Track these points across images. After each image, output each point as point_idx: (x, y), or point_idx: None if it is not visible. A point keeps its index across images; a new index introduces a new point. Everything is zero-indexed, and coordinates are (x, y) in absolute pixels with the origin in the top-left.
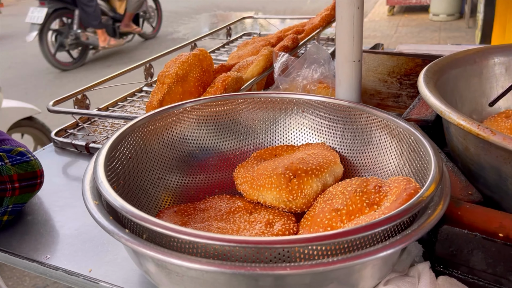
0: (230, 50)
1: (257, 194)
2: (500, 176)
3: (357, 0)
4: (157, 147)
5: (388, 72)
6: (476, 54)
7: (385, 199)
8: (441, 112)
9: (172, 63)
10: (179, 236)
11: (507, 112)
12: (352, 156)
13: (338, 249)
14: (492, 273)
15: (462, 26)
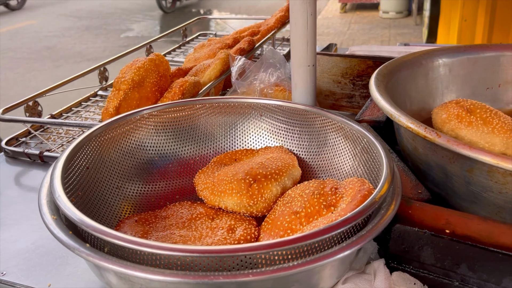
0: (186, 51)
1: (218, 200)
2: (446, 174)
3: (310, 7)
4: (115, 156)
5: (341, 73)
6: (422, 57)
7: (341, 200)
8: (391, 115)
9: (128, 69)
10: (141, 248)
11: (458, 100)
12: (309, 158)
13: (298, 253)
14: (440, 267)
15: (410, 23)
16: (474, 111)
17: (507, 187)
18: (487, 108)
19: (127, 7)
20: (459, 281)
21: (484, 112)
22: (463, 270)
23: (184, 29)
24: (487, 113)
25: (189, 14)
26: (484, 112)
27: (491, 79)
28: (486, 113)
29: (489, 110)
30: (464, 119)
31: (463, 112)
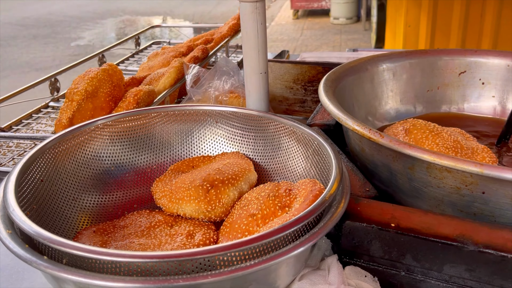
0: (140, 60)
1: (177, 207)
2: (391, 172)
3: (260, 17)
4: (70, 167)
5: (293, 79)
6: (368, 62)
7: (295, 201)
8: (339, 118)
9: (81, 79)
10: (100, 257)
11: (406, 120)
12: (264, 162)
13: (255, 252)
14: (388, 259)
15: (360, 29)
16: (411, 132)
17: (444, 182)
18: (426, 129)
19: (77, 14)
20: (405, 271)
21: (422, 133)
22: (408, 261)
23: (137, 37)
24: (424, 134)
25: (143, 21)
26: (421, 133)
27: (431, 82)
28: (422, 134)
29: (428, 130)
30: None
31: (403, 132)
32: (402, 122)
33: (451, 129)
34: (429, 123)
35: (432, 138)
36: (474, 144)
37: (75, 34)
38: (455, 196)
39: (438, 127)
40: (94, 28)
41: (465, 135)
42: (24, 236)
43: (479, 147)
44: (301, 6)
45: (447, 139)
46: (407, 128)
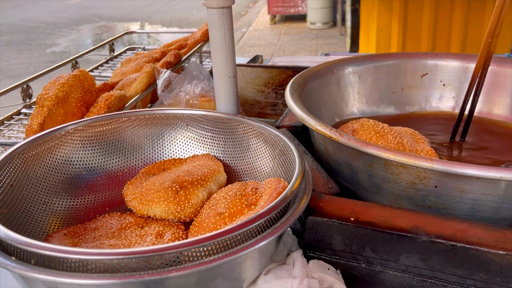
0: (114, 66)
1: (147, 209)
2: (352, 170)
3: (227, 22)
4: (40, 172)
5: (264, 83)
6: (334, 66)
7: (261, 199)
8: (303, 119)
9: (51, 85)
10: (67, 256)
11: (357, 120)
12: (234, 163)
13: (219, 247)
14: (349, 252)
15: (336, 34)
16: (357, 132)
17: (400, 178)
18: (373, 130)
19: (52, 21)
20: (365, 263)
21: (367, 133)
22: (367, 253)
23: (111, 43)
24: (369, 135)
25: (120, 27)
26: (366, 134)
27: (395, 84)
28: (367, 135)
29: (374, 131)
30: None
31: (350, 131)
32: (354, 121)
33: (401, 130)
34: (378, 124)
35: (376, 139)
36: (420, 146)
37: (50, 40)
38: (411, 191)
39: (386, 128)
40: (70, 34)
41: (415, 137)
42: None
43: (424, 149)
44: (278, 11)
45: (391, 141)
46: (355, 128)
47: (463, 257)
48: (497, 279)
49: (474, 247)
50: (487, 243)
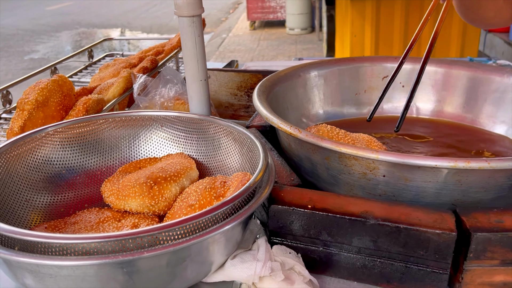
0: (93, 72)
1: (123, 204)
2: (312, 163)
3: (197, 30)
4: (22, 171)
5: (237, 87)
6: (300, 69)
7: (228, 191)
8: (267, 118)
9: (31, 90)
10: (49, 241)
11: (316, 126)
12: (206, 161)
13: (188, 231)
14: (308, 236)
15: (314, 39)
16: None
17: (353, 169)
18: (327, 135)
19: (30, 28)
20: (322, 246)
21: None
22: (324, 237)
23: (90, 50)
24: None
25: (100, 33)
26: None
27: (358, 86)
28: None
29: (328, 137)
30: None
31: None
32: (312, 126)
33: (358, 136)
34: (335, 129)
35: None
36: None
37: (29, 47)
38: (363, 181)
39: (341, 134)
40: (48, 41)
41: (372, 143)
42: None
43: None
44: (257, 17)
45: None
46: (312, 133)
47: (406, 237)
48: (435, 255)
49: (415, 227)
50: (427, 224)
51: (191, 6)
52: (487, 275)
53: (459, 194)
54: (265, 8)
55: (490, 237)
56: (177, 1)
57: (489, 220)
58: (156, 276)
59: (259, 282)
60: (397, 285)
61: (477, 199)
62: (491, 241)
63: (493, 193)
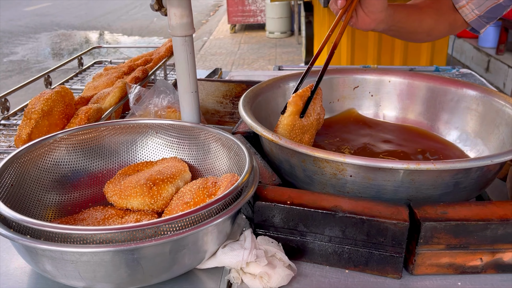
0: (83, 79)
1: (126, 202)
2: (291, 166)
3: (189, 47)
4: (34, 173)
5: (223, 95)
6: (280, 81)
7: (219, 190)
8: (251, 127)
9: (36, 101)
10: (71, 232)
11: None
12: (197, 164)
13: (186, 224)
14: (287, 228)
15: (293, 42)
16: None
17: (325, 170)
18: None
19: (8, 29)
20: (299, 236)
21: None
22: (301, 228)
23: (80, 58)
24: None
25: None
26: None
27: (332, 95)
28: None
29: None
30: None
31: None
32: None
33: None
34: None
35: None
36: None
37: (7, 49)
38: (334, 180)
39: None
40: (27, 43)
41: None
42: (6, 223)
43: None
44: (238, 20)
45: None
46: (290, 141)
47: (368, 227)
48: (393, 242)
49: (375, 219)
50: (385, 215)
51: (184, 27)
52: (435, 258)
53: (413, 191)
54: (246, 11)
55: (436, 226)
56: (172, 23)
57: (436, 212)
58: (160, 262)
59: (246, 267)
60: (362, 268)
61: (428, 195)
62: (437, 229)
63: (441, 190)
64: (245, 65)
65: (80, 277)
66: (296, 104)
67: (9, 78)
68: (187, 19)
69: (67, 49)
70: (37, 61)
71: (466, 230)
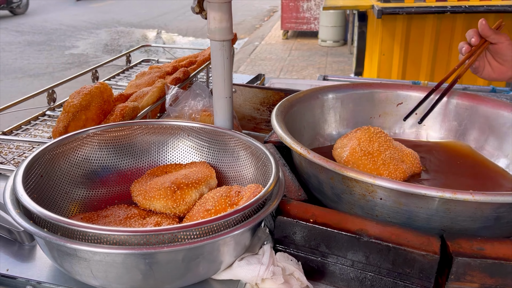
0: (129, 76)
1: (149, 204)
2: (319, 181)
3: (226, 52)
4: (64, 166)
5: (260, 102)
6: (319, 92)
7: (242, 200)
8: (281, 138)
9: (76, 94)
10: (88, 230)
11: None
12: (225, 170)
13: (203, 233)
14: (308, 247)
15: (345, 52)
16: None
17: (354, 190)
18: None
19: (72, 23)
20: (320, 257)
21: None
22: (322, 248)
23: (128, 55)
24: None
25: (137, 33)
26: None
27: (372, 110)
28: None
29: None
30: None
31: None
32: (361, 128)
33: (399, 148)
34: (381, 134)
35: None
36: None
37: (70, 42)
38: (362, 202)
39: (383, 140)
40: (88, 37)
41: (408, 158)
42: (28, 215)
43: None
44: (291, 27)
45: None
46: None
47: (395, 255)
48: (420, 274)
49: (403, 247)
50: (413, 245)
51: (223, 32)
52: None
53: (448, 221)
54: (299, 18)
55: (470, 262)
56: (210, 26)
57: (472, 246)
58: (172, 269)
59: (261, 283)
60: None
61: (464, 227)
62: (471, 266)
63: (480, 223)
64: (294, 72)
65: (92, 276)
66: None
67: (68, 70)
68: (226, 23)
69: (124, 45)
70: (95, 56)
71: (505, 270)
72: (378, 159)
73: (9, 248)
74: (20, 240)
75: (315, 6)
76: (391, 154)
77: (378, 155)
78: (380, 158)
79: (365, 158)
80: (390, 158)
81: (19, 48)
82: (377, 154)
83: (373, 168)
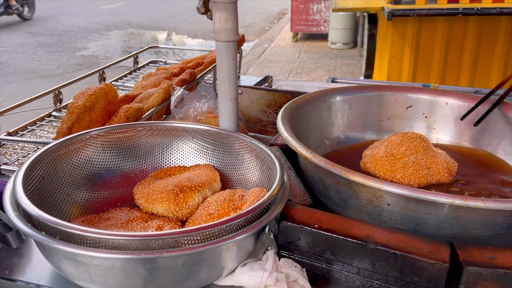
0: (137, 77)
1: (151, 207)
2: (325, 186)
3: (231, 54)
4: (66, 168)
5: (267, 104)
6: (326, 94)
7: (245, 204)
8: (287, 141)
9: (81, 95)
10: (85, 234)
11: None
12: (229, 173)
13: (204, 238)
14: (313, 253)
15: (355, 54)
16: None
17: (361, 195)
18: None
19: (83, 25)
20: (325, 263)
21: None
22: (327, 255)
23: (135, 56)
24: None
25: (148, 35)
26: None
27: (381, 113)
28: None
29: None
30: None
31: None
32: (400, 133)
33: (433, 156)
34: (418, 138)
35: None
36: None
37: (81, 44)
38: (369, 207)
39: (419, 145)
40: (99, 39)
41: (443, 166)
42: (27, 217)
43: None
44: (300, 29)
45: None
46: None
47: (402, 263)
48: (429, 283)
49: (410, 255)
50: (422, 253)
51: (228, 32)
52: None
53: (458, 228)
54: (309, 20)
55: (481, 272)
56: (216, 27)
57: (483, 255)
58: (173, 274)
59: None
60: None
61: (475, 235)
62: (482, 275)
63: (491, 231)
64: (303, 74)
65: (91, 280)
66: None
67: (78, 72)
68: (232, 24)
69: (135, 47)
70: (106, 57)
71: None
72: (398, 161)
73: (9, 251)
74: (7, 244)
75: (325, 8)
76: (416, 159)
77: (401, 158)
78: (401, 161)
79: (385, 159)
80: (413, 163)
81: (30, 50)
82: (400, 157)
83: (390, 170)
